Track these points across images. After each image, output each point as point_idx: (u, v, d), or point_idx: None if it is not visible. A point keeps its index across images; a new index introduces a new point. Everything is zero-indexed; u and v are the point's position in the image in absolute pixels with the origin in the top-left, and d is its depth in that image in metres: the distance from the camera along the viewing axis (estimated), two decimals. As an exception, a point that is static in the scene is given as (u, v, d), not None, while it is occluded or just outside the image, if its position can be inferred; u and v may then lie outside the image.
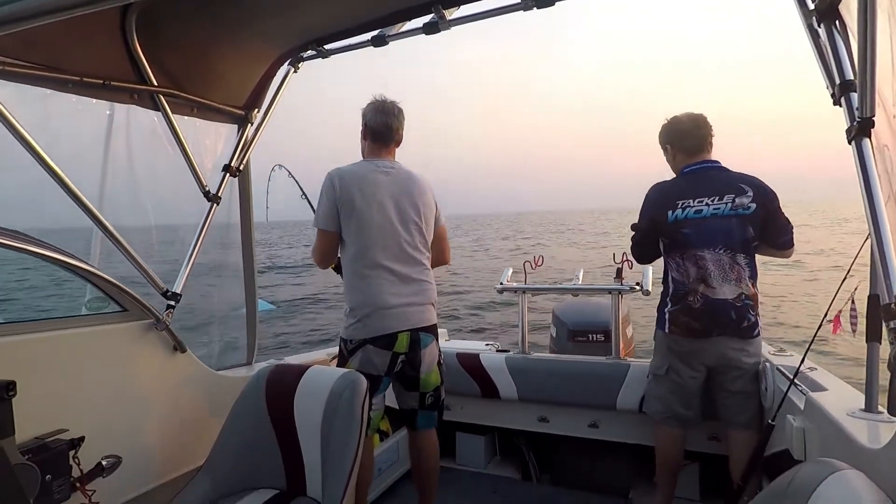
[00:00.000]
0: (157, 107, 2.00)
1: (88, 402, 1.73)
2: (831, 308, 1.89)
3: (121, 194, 1.98)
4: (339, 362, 2.17)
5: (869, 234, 1.12)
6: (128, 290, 1.83)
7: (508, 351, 3.11)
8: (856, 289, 1.67)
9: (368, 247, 2.08)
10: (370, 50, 2.16)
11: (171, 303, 2.01)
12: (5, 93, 1.47)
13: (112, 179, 1.94)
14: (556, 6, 1.87)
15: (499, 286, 3.15)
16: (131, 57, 1.86)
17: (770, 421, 1.99)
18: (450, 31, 2.02)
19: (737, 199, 2.15)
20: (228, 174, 2.31)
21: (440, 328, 2.26)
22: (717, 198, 2.17)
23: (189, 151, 2.13)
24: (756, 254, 2.21)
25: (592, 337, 3.40)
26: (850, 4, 1.24)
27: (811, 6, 1.36)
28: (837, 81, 1.27)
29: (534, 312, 3.55)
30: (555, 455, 3.02)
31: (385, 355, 2.08)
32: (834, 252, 19.48)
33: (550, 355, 3.27)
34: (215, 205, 2.24)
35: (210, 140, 2.28)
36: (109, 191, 1.92)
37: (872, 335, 1.58)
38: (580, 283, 3.12)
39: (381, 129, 2.19)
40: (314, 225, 2.17)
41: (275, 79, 2.35)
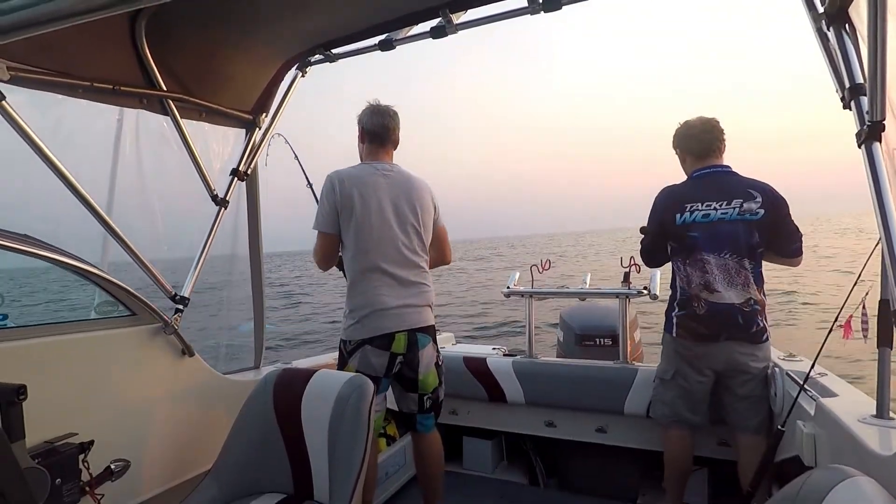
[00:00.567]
0: (166, 111, 2.02)
1: (97, 405, 1.74)
2: (842, 312, 1.87)
3: (130, 198, 2.00)
4: (339, 363, 2.20)
5: (879, 238, 1.11)
6: (136, 294, 1.84)
7: (516, 355, 3.10)
8: (867, 293, 1.65)
9: (367, 250, 2.11)
10: (362, 67, 2.17)
11: (180, 307, 2.02)
12: (18, 99, 1.49)
13: (122, 184, 1.96)
14: (563, 9, 1.87)
15: (506, 290, 3.14)
16: (141, 62, 1.88)
17: (780, 426, 1.97)
18: (445, 48, 2.03)
19: (745, 205, 2.13)
20: (236, 178, 2.32)
21: (447, 332, 2.26)
22: (726, 202, 2.16)
23: (198, 156, 2.15)
24: (763, 261, 2.19)
25: (600, 341, 3.38)
26: (860, 7, 1.23)
27: (820, 10, 1.35)
28: (847, 85, 1.26)
29: (541, 316, 3.53)
30: (562, 460, 3.00)
31: (383, 356, 2.11)
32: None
33: (557, 359, 3.26)
34: (223, 209, 2.25)
35: (218, 144, 2.29)
36: (119, 195, 1.93)
37: (883, 340, 1.56)
38: (587, 287, 3.12)
39: (378, 129, 2.21)
40: (314, 227, 2.19)
41: (283, 83, 2.36)
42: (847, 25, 1.30)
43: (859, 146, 1.19)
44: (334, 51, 2.24)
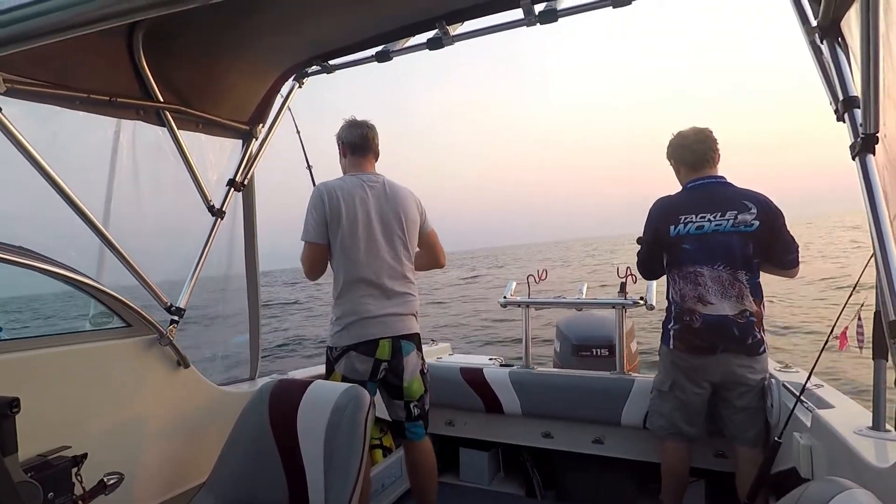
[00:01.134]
0: (162, 122, 2.02)
1: (92, 418, 1.72)
2: (837, 324, 1.87)
3: (126, 210, 1.99)
4: (327, 369, 2.25)
5: (874, 250, 1.12)
6: (132, 305, 1.83)
7: (512, 365, 3.10)
8: (862, 305, 1.66)
9: (354, 261, 2.17)
10: (355, 82, 2.19)
11: (175, 318, 2.02)
12: (15, 111, 1.49)
13: (118, 195, 1.95)
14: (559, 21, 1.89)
15: (502, 300, 3.14)
16: (138, 73, 1.88)
17: (777, 438, 1.97)
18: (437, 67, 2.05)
19: (739, 216, 2.13)
20: (233, 189, 2.32)
21: (443, 342, 2.26)
22: (720, 213, 2.16)
23: (194, 166, 2.14)
24: (760, 272, 2.19)
25: (596, 352, 3.37)
26: (852, 21, 1.24)
27: (813, 23, 1.36)
28: (841, 98, 1.27)
29: (537, 327, 3.52)
30: (559, 471, 2.99)
31: (368, 362, 2.18)
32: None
33: (554, 370, 3.25)
34: (219, 220, 2.25)
35: (215, 155, 2.30)
36: (115, 206, 1.93)
37: (879, 352, 1.56)
38: (584, 297, 3.11)
39: (358, 140, 2.28)
40: (302, 238, 2.22)
41: (279, 94, 2.37)
42: (840, 38, 1.31)
43: (853, 158, 1.20)
44: (331, 62, 2.25)
